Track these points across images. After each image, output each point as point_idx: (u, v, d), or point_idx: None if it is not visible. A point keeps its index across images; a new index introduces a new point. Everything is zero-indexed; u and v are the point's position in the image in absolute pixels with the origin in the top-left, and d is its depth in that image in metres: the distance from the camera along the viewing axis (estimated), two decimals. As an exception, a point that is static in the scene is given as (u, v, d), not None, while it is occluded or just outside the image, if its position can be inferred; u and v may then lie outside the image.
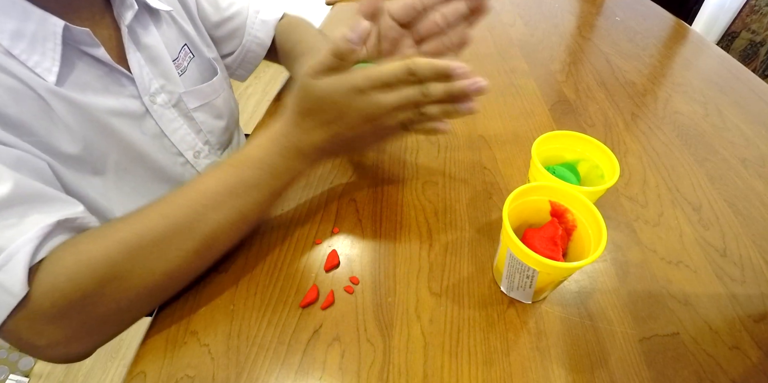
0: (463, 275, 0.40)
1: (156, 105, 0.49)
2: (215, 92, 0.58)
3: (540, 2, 0.95)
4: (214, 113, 0.59)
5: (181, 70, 0.52)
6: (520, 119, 0.59)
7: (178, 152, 0.53)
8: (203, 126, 0.56)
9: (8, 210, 0.31)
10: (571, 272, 0.34)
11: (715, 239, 0.43)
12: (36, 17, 0.37)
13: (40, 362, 1.19)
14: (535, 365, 0.33)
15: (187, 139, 0.54)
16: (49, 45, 0.38)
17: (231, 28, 0.62)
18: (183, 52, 0.53)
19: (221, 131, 0.60)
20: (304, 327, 0.36)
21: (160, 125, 0.50)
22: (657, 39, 0.81)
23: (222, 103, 0.60)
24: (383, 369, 0.33)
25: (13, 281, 0.29)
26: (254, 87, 2.17)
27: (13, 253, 0.29)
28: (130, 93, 0.47)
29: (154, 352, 0.34)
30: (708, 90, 0.66)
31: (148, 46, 0.48)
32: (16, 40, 0.36)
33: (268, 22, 0.64)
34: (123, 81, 0.46)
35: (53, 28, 0.38)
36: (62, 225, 0.33)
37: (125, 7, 0.45)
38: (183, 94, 0.52)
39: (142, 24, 0.48)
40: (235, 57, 0.65)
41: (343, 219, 0.45)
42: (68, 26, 0.39)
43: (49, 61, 0.38)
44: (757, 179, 0.50)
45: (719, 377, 0.33)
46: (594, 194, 0.37)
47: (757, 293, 0.39)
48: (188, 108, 0.54)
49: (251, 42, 0.64)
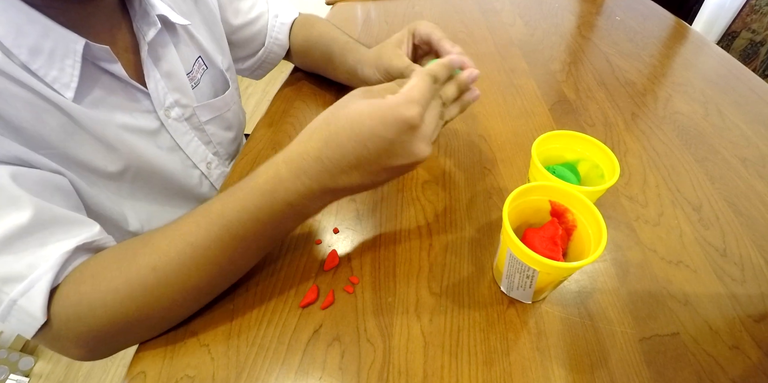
0: (463, 275, 0.39)
1: (170, 119, 0.49)
2: (226, 106, 0.59)
3: (540, 2, 0.95)
4: (224, 125, 0.59)
5: (194, 83, 0.52)
6: (520, 119, 0.59)
7: (193, 165, 0.54)
8: (213, 138, 0.57)
9: (29, 237, 0.32)
10: (571, 272, 0.34)
11: (715, 239, 0.43)
12: (55, 34, 0.37)
13: (40, 362, 1.19)
14: (535, 365, 0.33)
15: (199, 151, 0.55)
16: (68, 62, 0.38)
17: (252, 32, 0.63)
18: (197, 65, 0.53)
19: (230, 142, 0.61)
20: (304, 327, 0.36)
21: (175, 139, 0.51)
22: (657, 39, 0.81)
23: (232, 115, 0.61)
24: (383, 369, 0.33)
25: (35, 307, 0.31)
26: (254, 87, 2.17)
27: (35, 281, 0.31)
28: (145, 108, 0.47)
29: (154, 352, 0.34)
30: (708, 90, 0.66)
31: (165, 61, 0.48)
32: (34, 56, 0.36)
33: (286, 24, 0.65)
34: (138, 96, 0.46)
35: (74, 46, 0.38)
36: (81, 249, 0.34)
37: (147, 24, 0.45)
38: (196, 108, 0.53)
39: (163, 40, 0.48)
40: (257, 59, 0.66)
41: (343, 219, 0.45)
42: (89, 44, 0.39)
43: (67, 77, 0.38)
44: (758, 179, 0.50)
45: (719, 377, 0.33)
46: (594, 193, 0.37)
47: (757, 293, 0.39)
48: (200, 121, 0.54)
49: (273, 44, 0.65)
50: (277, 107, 0.62)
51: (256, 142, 0.55)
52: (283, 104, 0.62)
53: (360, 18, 0.90)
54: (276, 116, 0.60)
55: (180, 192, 0.53)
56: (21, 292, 0.31)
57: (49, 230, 0.33)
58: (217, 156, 0.58)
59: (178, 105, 0.50)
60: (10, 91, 0.35)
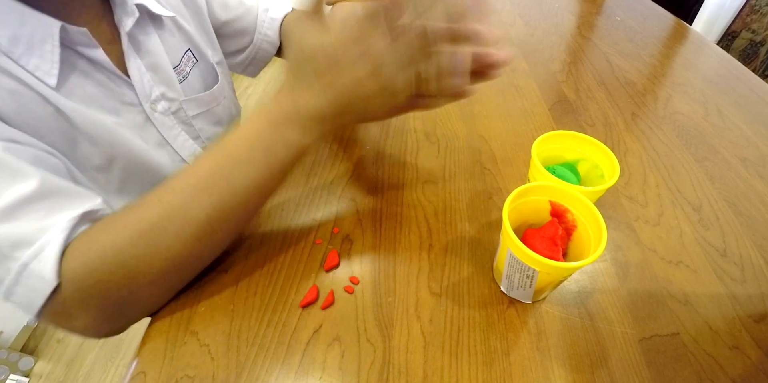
0: (463, 275, 0.39)
1: (156, 113, 0.49)
2: (215, 100, 0.58)
3: (540, 2, 0.95)
4: (213, 120, 0.58)
5: (182, 76, 0.52)
6: (520, 119, 0.59)
7: (181, 159, 0.54)
8: (201, 133, 0.56)
9: (37, 204, 0.33)
10: (571, 272, 0.34)
11: (715, 239, 0.43)
12: (33, 19, 0.37)
13: (40, 362, 1.19)
14: (535, 365, 0.33)
15: (187, 145, 0.54)
16: (47, 47, 0.38)
17: (240, 26, 0.61)
18: (186, 58, 0.52)
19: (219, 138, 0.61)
20: (304, 327, 0.36)
21: (162, 133, 0.50)
22: (657, 39, 0.81)
23: (222, 110, 0.60)
24: (383, 369, 0.33)
25: (47, 270, 0.31)
26: (254, 87, 2.17)
27: (45, 244, 0.32)
28: (131, 100, 0.46)
29: (154, 352, 0.34)
30: (708, 90, 0.66)
31: (149, 52, 0.47)
32: (14, 45, 0.36)
33: (276, 20, 0.64)
34: (123, 88, 0.45)
35: (50, 29, 0.38)
36: (86, 217, 0.35)
37: (126, 13, 0.44)
38: (183, 101, 0.52)
39: (144, 30, 0.47)
40: (246, 55, 0.64)
41: (343, 219, 0.45)
42: (65, 27, 0.38)
43: (48, 63, 0.38)
44: (758, 179, 0.50)
45: (719, 377, 0.33)
46: (594, 194, 0.37)
47: (757, 293, 0.39)
48: (188, 115, 0.53)
49: (262, 41, 0.63)
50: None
51: (256, 142, 0.55)
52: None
53: (360, 18, 0.90)
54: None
55: None
56: (32, 255, 0.31)
57: (56, 198, 0.34)
58: None
59: (165, 98, 0.49)
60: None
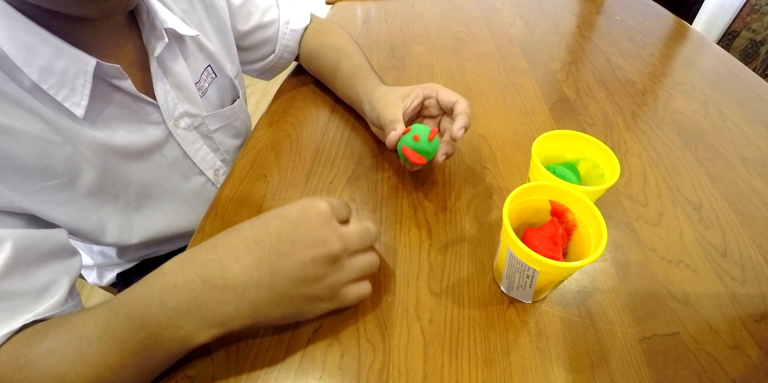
0: (463, 275, 0.39)
1: (179, 129, 0.50)
2: (235, 115, 0.59)
3: (540, 1, 0.95)
4: (233, 133, 0.60)
5: (202, 92, 0.52)
6: (520, 119, 0.59)
7: (199, 172, 0.55)
8: (221, 146, 0.58)
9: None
10: (571, 271, 0.34)
11: (715, 239, 0.43)
12: (66, 55, 0.37)
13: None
14: (535, 365, 0.33)
15: (207, 158, 0.55)
16: (79, 81, 0.38)
17: (261, 38, 0.62)
18: (205, 74, 0.53)
19: (236, 149, 0.62)
20: (304, 327, 0.36)
21: (183, 148, 0.51)
22: (657, 38, 0.80)
23: (240, 124, 0.62)
24: (383, 369, 0.33)
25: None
26: (254, 87, 2.17)
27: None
28: (154, 120, 0.47)
29: (154, 352, 0.34)
30: (708, 89, 0.66)
31: (174, 73, 0.48)
32: (45, 76, 0.36)
33: (297, 31, 0.65)
34: (147, 109, 0.46)
35: (84, 66, 0.38)
36: (26, 326, 0.32)
37: (155, 37, 0.45)
38: (206, 117, 0.53)
39: (171, 53, 0.47)
40: (266, 63, 0.66)
41: (343, 219, 0.45)
42: (100, 63, 0.39)
43: (78, 95, 0.39)
44: (758, 179, 0.50)
45: (720, 377, 0.33)
46: (594, 193, 0.37)
47: (757, 292, 0.39)
48: (209, 130, 0.55)
49: (283, 51, 0.65)
50: (277, 106, 0.62)
51: (255, 141, 0.55)
52: (283, 104, 0.63)
53: (360, 18, 0.90)
54: (276, 116, 0.60)
55: (186, 204, 0.55)
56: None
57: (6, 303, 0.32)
58: (225, 163, 0.59)
59: (188, 115, 0.50)
60: (17, 128, 0.35)
